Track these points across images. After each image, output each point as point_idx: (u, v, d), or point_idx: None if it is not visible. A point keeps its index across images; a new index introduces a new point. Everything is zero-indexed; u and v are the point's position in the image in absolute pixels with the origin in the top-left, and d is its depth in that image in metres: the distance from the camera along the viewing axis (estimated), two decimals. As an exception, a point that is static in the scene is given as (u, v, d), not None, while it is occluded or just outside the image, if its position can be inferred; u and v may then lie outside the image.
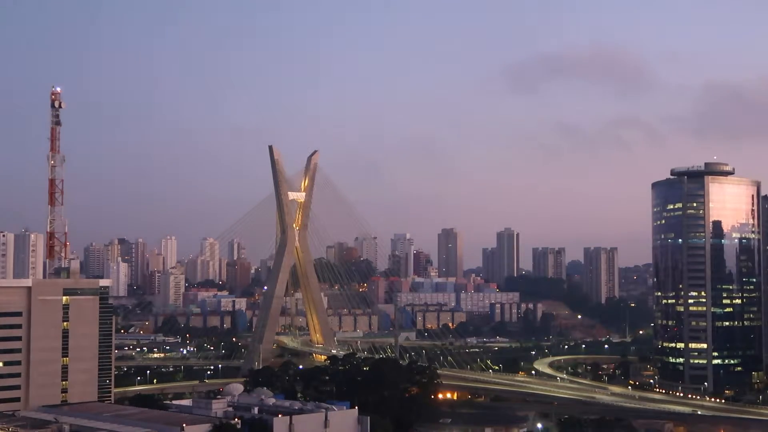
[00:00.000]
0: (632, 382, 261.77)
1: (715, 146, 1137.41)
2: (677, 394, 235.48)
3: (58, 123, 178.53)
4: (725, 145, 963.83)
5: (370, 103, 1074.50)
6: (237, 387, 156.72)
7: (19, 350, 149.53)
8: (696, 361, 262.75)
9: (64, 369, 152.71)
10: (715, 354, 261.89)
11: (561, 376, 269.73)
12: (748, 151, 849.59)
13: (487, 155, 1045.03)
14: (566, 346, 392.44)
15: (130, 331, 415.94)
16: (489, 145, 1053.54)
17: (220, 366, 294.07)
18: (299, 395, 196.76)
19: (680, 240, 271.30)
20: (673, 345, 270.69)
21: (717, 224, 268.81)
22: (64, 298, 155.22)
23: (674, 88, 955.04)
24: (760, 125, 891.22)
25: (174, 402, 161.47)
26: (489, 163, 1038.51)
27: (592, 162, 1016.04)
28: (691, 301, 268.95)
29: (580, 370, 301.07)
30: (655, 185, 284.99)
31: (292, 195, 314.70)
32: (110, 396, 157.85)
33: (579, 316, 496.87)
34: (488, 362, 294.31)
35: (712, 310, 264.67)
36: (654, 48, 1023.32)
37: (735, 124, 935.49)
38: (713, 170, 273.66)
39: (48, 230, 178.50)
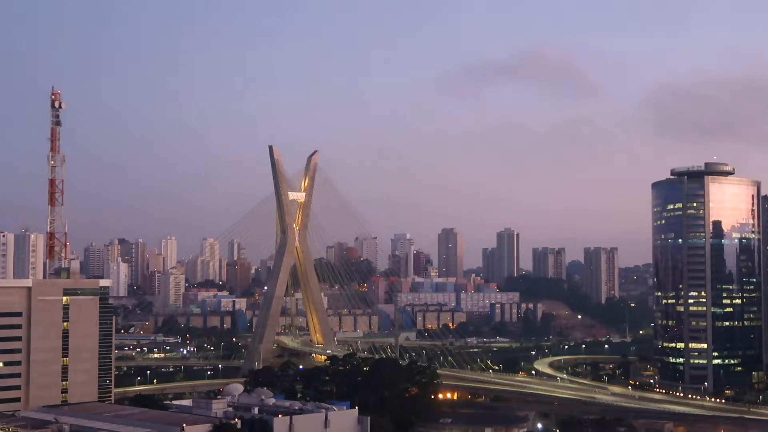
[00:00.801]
0: (632, 382, 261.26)
1: (714, 146, 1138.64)
2: (677, 394, 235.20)
3: (58, 123, 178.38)
4: (724, 144, 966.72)
5: (370, 102, 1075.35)
6: (237, 387, 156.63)
7: (19, 350, 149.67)
8: (696, 361, 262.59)
9: (64, 369, 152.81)
10: (715, 354, 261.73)
11: (561, 376, 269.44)
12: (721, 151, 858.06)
13: (485, 156, 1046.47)
14: (566, 346, 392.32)
15: (130, 331, 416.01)
16: (485, 145, 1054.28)
17: (220, 366, 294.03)
18: (299, 395, 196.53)
19: (680, 240, 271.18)
20: (673, 345, 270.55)
21: (717, 224, 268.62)
22: (64, 298, 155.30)
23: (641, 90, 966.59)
24: (725, 124, 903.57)
25: (174, 402, 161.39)
26: (488, 164, 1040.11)
27: (591, 162, 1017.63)
28: (691, 301, 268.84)
29: (580, 370, 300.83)
30: (655, 185, 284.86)
31: (292, 195, 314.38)
32: (110, 396, 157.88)
33: (579, 316, 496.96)
34: (488, 362, 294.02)
35: (712, 310, 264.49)
36: (603, 52, 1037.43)
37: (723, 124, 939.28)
38: (713, 170, 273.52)
39: (48, 230, 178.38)
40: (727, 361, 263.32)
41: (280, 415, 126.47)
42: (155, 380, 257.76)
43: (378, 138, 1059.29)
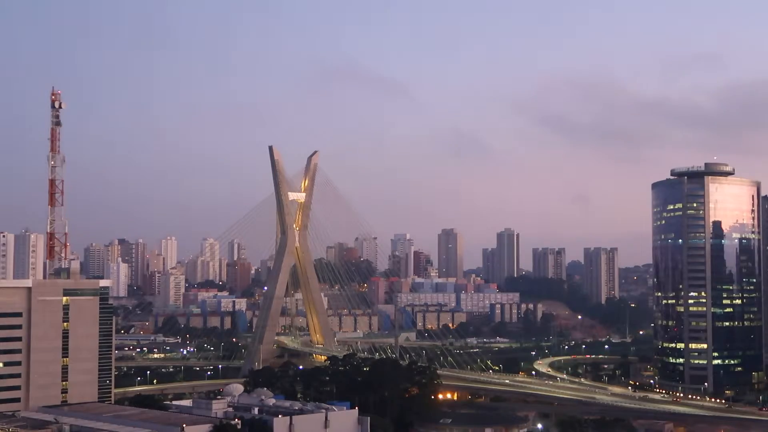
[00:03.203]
0: (632, 383, 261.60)
1: (716, 145, 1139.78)
2: (677, 394, 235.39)
3: (58, 123, 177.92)
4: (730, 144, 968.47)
5: (371, 101, 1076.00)
6: (237, 387, 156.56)
7: (19, 351, 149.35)
8: (696, 362, 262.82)
9: (64, 369, 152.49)
10: (715, 354, 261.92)
11: (561, 376, 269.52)
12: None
13: (485, 156, 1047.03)
14: (566, 347, 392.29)
15: (130, 331, 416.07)
16: (482, 145, 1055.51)
17: (220, 366, 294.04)
18: (299, 396, 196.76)
19: (680, 240, 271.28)
20: (674, 345, 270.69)
21: (717, 224, 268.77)
22: (64, 298, 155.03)
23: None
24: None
25: (174, 402, 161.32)
26: (487, 164, 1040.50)
27: (589, 162, 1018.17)
28: (691, 301, 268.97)
29: (580, 371, 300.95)
30: (655, 185, 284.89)
31: (292, 195, 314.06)
32: (110, 396, 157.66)
33: (579, 317, 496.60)
34: (488, 362, 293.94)
35: (712, 310, 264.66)
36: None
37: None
38: (713, 170, 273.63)
39: (48, 230, 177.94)
40: (727, 361, 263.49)
41: (280, 416, 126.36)
42: (155, 380, 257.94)
43: (378, 137, 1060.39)
